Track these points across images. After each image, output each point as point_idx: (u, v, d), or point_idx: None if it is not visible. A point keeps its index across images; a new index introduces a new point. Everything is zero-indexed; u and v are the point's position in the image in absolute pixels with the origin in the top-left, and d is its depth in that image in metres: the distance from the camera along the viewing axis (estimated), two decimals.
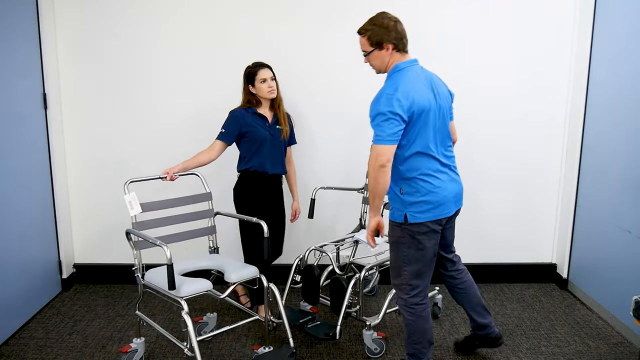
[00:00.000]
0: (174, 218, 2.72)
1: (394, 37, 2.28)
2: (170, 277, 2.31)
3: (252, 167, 2.99)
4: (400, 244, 2.35)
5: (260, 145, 2.97)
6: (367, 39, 2.30)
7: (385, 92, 2.21)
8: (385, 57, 2.31)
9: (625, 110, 2.99)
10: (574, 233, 3.55)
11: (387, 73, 2.33)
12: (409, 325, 2.42)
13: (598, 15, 3.29)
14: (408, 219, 2.29)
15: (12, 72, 3.04)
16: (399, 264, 2.38)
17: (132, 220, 2.59)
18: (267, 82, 2.95)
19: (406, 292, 2.39)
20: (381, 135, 2.17)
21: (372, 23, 2.31)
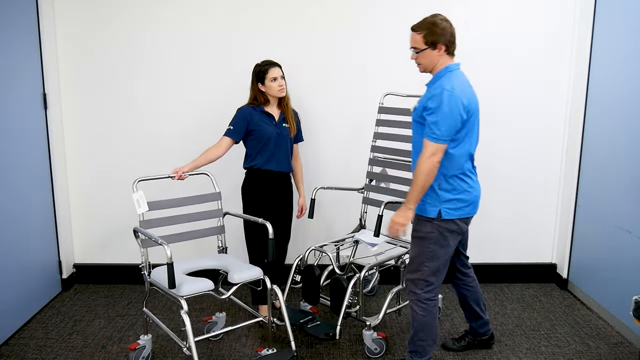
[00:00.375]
0: (182, 217, 2.73)
1: (448, 39, 2.35)
2: (170, 276, 2.32)
3: (256, 165, 3.00)
4: (427, 240, 2.39)
5: (266, 144, 2.98)
6: (423, 37, 2.34)
7: (446, 88, 2.26)
8: (436, 57, 2.36)
9: (625, 111, 2.99)
10: (574, 233, 3.55)
11: (437, 73, 2.38)
12: (418, 320, 2.45)
13: (598, 15, 3.29)
14: (442, 215, 2.35)
15: (12, 72, 3.04)
16: (421, 259, 2.41)
17: (140, 218, 2.59)
18: (278, 81, 2.96)
19: (421, 287, 2.43)
20: (438, 134, 2.24)
21: (430, 23, 2.34)
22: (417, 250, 2.42)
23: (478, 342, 2.84)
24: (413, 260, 2.45)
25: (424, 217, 2.39)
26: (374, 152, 3.26)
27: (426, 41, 2.34)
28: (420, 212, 2.41)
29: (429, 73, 2.43)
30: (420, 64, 2.42)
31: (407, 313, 3.25)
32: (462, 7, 3.45)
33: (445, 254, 2.41)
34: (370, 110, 3.43)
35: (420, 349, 2.47)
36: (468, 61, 3.48)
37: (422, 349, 2.47)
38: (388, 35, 3.47)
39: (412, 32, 2.39)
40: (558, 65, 3.53)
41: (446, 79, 2.32)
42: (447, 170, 2.35)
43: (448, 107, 2.23)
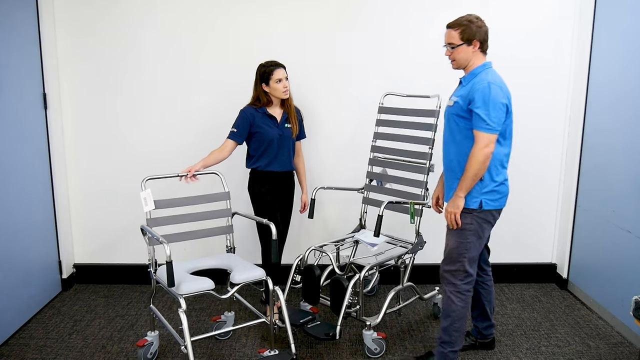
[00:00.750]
0: (191, 216, 2.74)
1: (483, 37, 2.46)
2: (169, 274, 2.33)
3: (259, 166, 3.03)
4: (467, 231, 2.47)
5: (268, 146, 3.00)
6: (460, 33, 2.45)
7: (490, 82, 2.37)
8: (470, 53, 2.46)
9: (625, 111, 2.99)
10: (574, 233, 3.55)
11: (474, 69, 2.47)
12: (457, 311, 2.51)
13: (598, 15, 3.29)
14: (483, 206, 2.45)
15: (12, 72, 3.04)
16: (460, 250, 2.48)
17: (147, 216, 2.60)
18: (283, 82, 2.97)
19: (460, 278, 2.50)
20: (491, 125, 2.34)
21: (467, 20, 2.45)
22: (456, 241, 2.49)
23: (479, 344, 2.84)
24: (452, 252, 2.51)
25: (464, 208, 2.46)
26: (374, 152, 3.26)
27: (462, 37, 2.45)
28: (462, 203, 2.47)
29: (462, 70, 2.53)
30: (455, 60, 2.51)
31: (407, 313, 3.26)
32: (461, 9, 3.44)
33: (481, 246, 2.52)
34: (370, 110, 3.43)
35: (454, 339, 2.53)
36: None
37: (456, 339, 2.53)
38: (388, 35, 3.47)
39: (447, 29, 2.49)
40: (558, 65, 3.53)
41: (485, 74, 2.43)
42: (490, 162, 2.43)
43: (496, 99, 2.34)
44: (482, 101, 2.34)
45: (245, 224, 3.52)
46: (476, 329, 2.85)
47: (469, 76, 2.49)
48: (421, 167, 3.01)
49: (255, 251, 3.54)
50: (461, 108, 2.43)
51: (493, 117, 2.34)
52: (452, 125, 2.51)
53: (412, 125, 3.11)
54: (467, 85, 2.47)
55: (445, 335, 2.55)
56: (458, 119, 2.46)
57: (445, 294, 2.56)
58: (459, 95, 2.48)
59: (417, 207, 2.96)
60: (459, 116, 2.45)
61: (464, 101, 2.42)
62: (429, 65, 3.51)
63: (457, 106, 2.46)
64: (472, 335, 2.86)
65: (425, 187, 2.99)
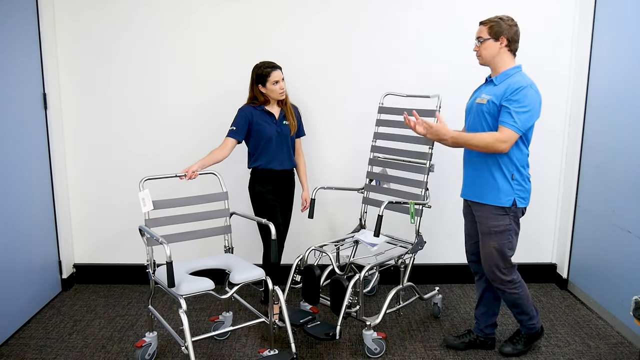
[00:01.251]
0: (189, 216, 2.74)
1: (512, 35, 2.51)
2: (169, 275, 2.33)
3: (260, 165, 3.04)
4: (507, 232, 2.57)
5: (267, 143, 3.01)
6: (489, 28, 2.52)
7: (529, 83, 2.45)
8: (496, 49, 2.52)
9: (625, 110, 2.99)
10: (574, 233, 3.55)
11: (507, 70, 2.52)
12: (521, 297, 2.67)
13: (598, 15, 3.29)
14: (517, 204, 2.54)
15: (12, 72, 3.03)
16: (503, 250, 2.59)
17: (145, 217, 2.60)
18: (280, 84, 2.98)
19: (511, 273, 2.63)
20: (519, 126, 2.42)
21: (499, 18, 2.53)
22: (499, 242, 2.58)
23: (480, 342, 2.84)
24: (497, 255, 2.59)
25: (499, 207, 2.54)
26: (374, 152, 3.26)
27: (491, 32, 2.51)
28: (494, 202, 2.55)
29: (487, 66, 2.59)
30: (481, 55, 2.57)
31: (407, 313, 3.26)
32: (461, 7, 3.45)
33: (517, 241, 2.64)
34: (370, 110, 3.43)
35: (533, 313, 2.75)
36: (468, 62, 3.50)
37: (533, 310, 2.75)
38: (388, 35, 3.47)
39: (480, 25, 2.56)
40: (558, 65, 3.53)
41: (520, 76, 2.49)
42: (519, 162, 2.53)
43: (533, 102, 2.43)
44: (519, 100, 2.41)
45: (244, 224, 3.52)
46: (478, 327, 2.86)
47: (501, 76, 2.53)
48: (421, 167, 3.01)
49: (254, 251, 3.55)
50: (495, 108, 2.49)
51: (524, 118, 2.41)
52: (483, 123, 2.55)
53: None
54: (500, 85, 2.51)
55: (523, 317, 2.74)
56: (490, 118, 2.52)
57: (504, 292, 2.67)
58: (492, 94, 2.52)
59: (417, 207, 2.96)
60: (491, 116, 2.51)
61: (498, 100, 2.48)
62: (428, 65, 3.51)
63: (491, 105, 2.50)
64: (473, 332, 2.87)
65: (426, 187, 2.99)
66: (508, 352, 2.78)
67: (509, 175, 2.53)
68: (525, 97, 2.41)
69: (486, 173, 2.56)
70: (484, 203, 2.58)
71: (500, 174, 2.53)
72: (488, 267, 2.63)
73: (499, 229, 2.56)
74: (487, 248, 2.61)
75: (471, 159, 2.65)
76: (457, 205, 3.61)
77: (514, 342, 2.81)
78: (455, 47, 3.48)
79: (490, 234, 2.58)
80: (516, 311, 2.74)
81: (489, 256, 2.61)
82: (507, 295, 2.66)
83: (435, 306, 3.21)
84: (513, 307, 2.72)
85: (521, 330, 2.82)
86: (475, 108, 2.60)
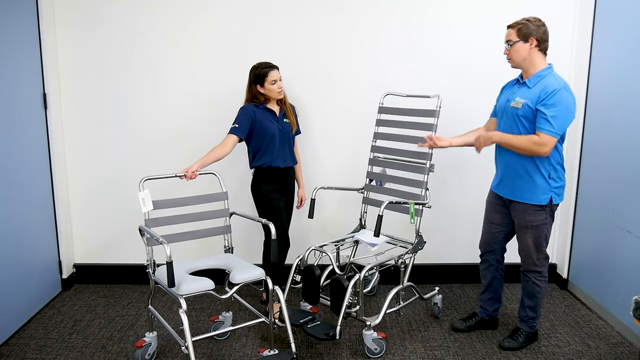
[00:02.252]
0: (189, 216, 2.74)
1: (541, 35, 2.53)
2: (169, 275, 2.32)
3: (264, 163, 3.05)
4: (543, 226, 2.66)
5: (271, 141, 3.03)
6: (517, 30, 2.53)
7: (563, 85, 2.48)
8: (526, 51, 2.53)
9: (625, 110, 2.99)
10: (574, 233, 3.55)
11: (539, 71, 2.54)
12: (541, 292, 2.77)
13: (598, 14, 3.29)
14: (553, 201, 2.62)
15: (12, 72, 3.03)
16: (540, 243, 2.69)
17: (145, 217, 2.60)
18: (277, 83, 3.01)
19: (543, 264, 2.73)
20: (556, 130, 2.45)
21: (526, 19, 2.55)
22: (536, 236, 2.68)
23: (485, 323, 3.02)
24: (532, 247, 2.70)
25: (536, 205, 2.62)
26: (374, 152, 3.26)
27: (519, 34, 2.53)
28: (532, 200, 2.62)
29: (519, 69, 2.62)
30: (512, 58, 2.59)
31: (407, 313, 3.26)
32: (461, 8, 3.45)
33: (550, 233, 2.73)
34: (370, 110, 3.43)
35: (539, 313, 2.84)
36: (468, 62, 3.50)
37: (540, 311, 2.85)
38: (388, 35, 3.47)
39: (508, 29, 2.58)
40: (558, 65, 3.51)
41: (553, 78, 2.51)
42: (556, 160, 2.60)
43: (567, 104, 2.45)
44: (554, 104, 2.43)
45: (244, 224, 3.53)
46: (485, 311, 3.00)
47: (534, 78, 2.56)
48: (421, 167, 3.01)
49: (253, 251, 3.55)
50: (531, 112, 2.52)
51: (560, 122, 2.44)
52: (519, 126, 2.58)
53: (412, 125, 3.11)
54: (534, 88, 2.54)
55: (531, 312, 2.81)
56: (526, 122, 2.55)
57: (529, 280, 2.76)
58: (526, 97, 2.54)
59: (417, 207, 2.96)
60: (527, 119, 2.54)
61: (533, 104, 2.50)
62: (426, 64, 3.51)
63: (527, 109, 2.53)
64: (478, 315, 3.02)
65: (426, 187, 2.99)
66: (508, 346, 2.83)
67: (546, 175, 2.60)
68: (560, 101, 2.44)
69: (523, 172, 2.62)
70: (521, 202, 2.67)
71: (538, 174, 2.59)
72: (524, 259, 2.76)
73: (535, 223, 2.65)
74: (521, 241, 2.73)
75: (506, 157, 2.69)
76: (457, 205, 3.63)
77: (514, 337, 2.86)
78: (456, 48, 3.48)
79: (527, 229, 2.68)
80: (529, 304, 2.81)
81: (523, 249, 2.74)
82: (530, 284, 2.76)
83: (435, 306, 3.21)
84: (528, 298, 2.80)
85: (521, 327, 2.88)
86: (509, 111, 2.63)
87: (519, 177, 2.64)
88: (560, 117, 2.45)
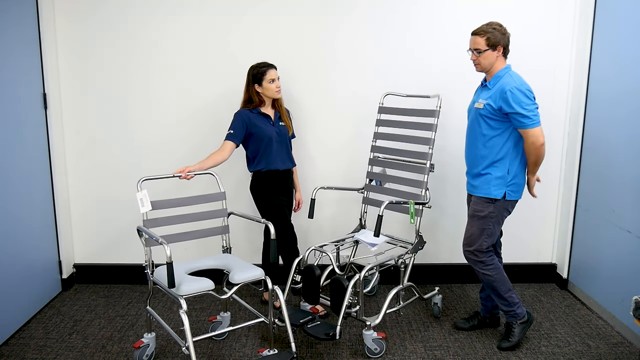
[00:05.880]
0: (187, 217, 2.74)
1: (506, 42, 2.70)
2: (170, 275, 2.32)
3: (263, 167, 3.06)
4: (488, 218, 2.74)
5: (268, 145, 3.03)
6: (486, 39, 2.67)
7: (522, 85, 2.62)
8: (494, 58, 2.70)
9: (625, 110, 2.99)
10: (574, 233, 3.55)
11: (498, 72, 2.71)
12: (496, 280, 2.78)
13: (598, 14, 3.29)
14: (506, 197, 2.72)
15: (12, 72, 3.03)
16: (480, 235, 2.76)
17: (144, 217, 2.60)
18: (276, 82, 3.03)
19: (483, 255, 2.78)
20: (535, 119, 2.59)
21: (492, 27, 2.68)
22: (479, 227, 2.76)
23: (487, 321, 3.05)
24: (473, 236, 2.78)
25: (487, 198, 2.73)
26: (374, 152, 3.26)
27: (488, 43, 2.67)
28: (486, 194, 2.73)
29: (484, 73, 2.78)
30: (479, 64, 2.74)
31: (407, 313, 3.26)
32: (462, 8, 3.45)
33: (498, 231, 2.81)
34: (370, 110, 3.43)
35: (510, 300, 2.82)
36: (468, 63, 3.49)
37: (512, 298, 2.82)
38: (388, 35, 3.47)
39: (473, 35, 2.71)
40: (558, 65, 3.52)
41: (513, 77, 2.66)
42: (514, 157, 2.71)
43: (527, 97, 2.58)
44: (518, 100, 2.57)
45: (243, 224, 3.53)
46: (485, 308, 3.03)
47: (493, 80, 2.72)
48: (421, 167, 3.01)
49: (252, 251, 3.55)
50: (492, 110, 2.66)
51: (535, 112, 2.59)
52: (481, 124, 2.72)
53: (412, 125, 3.11)
54: (493, 88, 2.70)
55: (502, 301, 2.83)
56: (488, 120, 2.69)
57: (478, 272, 2.81)
58: (487, 97, 2.71)
59: (417, 207, 2.96)
60: (489, 118, 2.69)
61: (494, 103, 2.65)
62: (426, 64, 3.51)
63: (489, 108, 2.67)
64: (480, 314, 3.05)
65: (426, 187, 2.99)
66: (506, 346, 2.85)
67: (505, 170, 2.71)
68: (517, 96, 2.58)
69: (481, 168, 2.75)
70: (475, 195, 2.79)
71: (494, 169, 2.71)
72: (464, 247, 2.84)
73: (482, 214, 2.75)
74: (467, 230, 2.82)
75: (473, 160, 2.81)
76: (457, 205, 3.63)
77: (508, 335, 2.87)
78: (456, 48, 3.48)
79: (473, 218, 2.78)
80: (492, 294, 2.86)
81: (466, 237, 2.82)
82: (481, 275, 2.82)
83: (435, 306, 3.21)
84: (490, 290, 2.85)
85: (508, 322, 2.89)
86: (473, 112, 2.79)
87: (480, 174, 2.76)
88: (532, 108, 2.58)
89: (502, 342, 2.87)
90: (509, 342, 2.85)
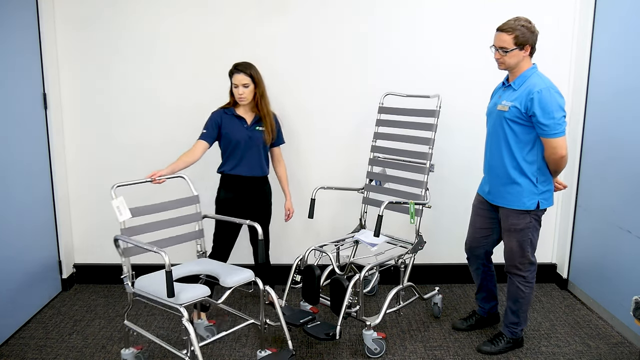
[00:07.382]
0: (161, 223, 2.62)
1: (534, 41, 2.52)
2: (169, 285, 2.25)
3: (226, 169, 2.98)
4: (527, 230, 2.64)
5: (235, 148, 2.94)
6: (514, 37, 2.48)
7: (551, 87, 2.46)
8: (521, 57, 2.52)
9: (625, 110, 2.99)
10: (574, 233, 3.55)
11: (524, 72, 2.54)
12: (525, 298, 2.73)
13: (598, 14, 3.29)
14: (540, 206, 2.60)
15: (12, 72, 3.03)
16: (524, 246, 2.66)
17: (121, 226, 2.50)
18: (239, 89, 2.88)
19: (527, 269, 2.70)
20: (560, 130, 2.45)
21: (520, 24, 2.48)
22: (519, 240, 2.66)
23: (485, 320, 3.05)
24: (512, 251, 2.69)
25: (521, 210, 2.61)
26: (374, 152, 3.26)
27: (516, 42, 2.48)
28: (518, 206, 2.60)
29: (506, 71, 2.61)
30: (504, 62, 2.55)
31: (407, 313, 3.26)
32: (462, 7, 3.45)
33: (538, 238, 2.70)
34: (370, 110, 3.43)
35: (521, 320, 2.79)
36: (467, 63, 3.50)
37: (523, 319, 2.79)
38: (389, 35, 3.47)
39: (500, 32, 2.52)
40: (558, 65, 3.52)
41: (537, 78, 2.50)
42: (542, 164, 2.58)
43: (555, 101, 2.43)
44: (548, 105, 2.41)
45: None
46: (482, 309, 3.03)
47: (519, 80, 2.55)
48: (421, 167, 3.01)
49: (233, 254, 3.47)
50: (519, 113, 2.50)
51: (562, 121, 2.44)
52: (505, 129, 2.56)
53: (412, 125, 3.11)
54: (519, 90, 2.52)
55: (514, 317, 2.78)
56: (514, 125, 2.53)
57: (513, 284, 2.74)
58: (513, 99, 2.52)
59: (417, 207, 2.96)
60: (515, 122, 2.52)
61: (521, 106, 2.48)
62: (425, 63, 3.51)
63: (515, 111, 2.51)
64: (477, 313, 3.04)
65: (426, 187, 2.99)
66: (486, 350, 2.81)
67: (534, 179, 2.58)
68: (553, 99, 2.43)
69: (508, 179, 2.61)
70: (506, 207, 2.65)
71: (524, 178, 2.58)
72: (506, 262, 2.76)
73: (518, 227, 2.64)
74: (506, 245, 2.73)
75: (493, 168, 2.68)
76: (456, 205, 3.63)
77: (494, 342, 2.83)
78: (456, 47, 3.48)
79: (511, 232, 2.67)
80: (512, 308, 2.78)
81: (507, 253, 2.74)
82: (514, 288, 2.74)
83: (435, 306, 3.21)
84: (512, 302, 2.77)
85: (503, 333, 2.84)
86: (495, 115, 2.62)
87: (505, 183, 2.62)
88: (559, 116, 2.44)
89: (484, 345, 2.82)
90: (490, 348, 2.80)
